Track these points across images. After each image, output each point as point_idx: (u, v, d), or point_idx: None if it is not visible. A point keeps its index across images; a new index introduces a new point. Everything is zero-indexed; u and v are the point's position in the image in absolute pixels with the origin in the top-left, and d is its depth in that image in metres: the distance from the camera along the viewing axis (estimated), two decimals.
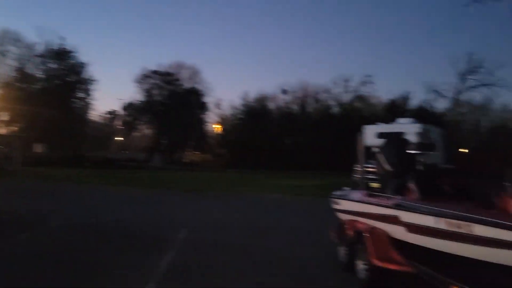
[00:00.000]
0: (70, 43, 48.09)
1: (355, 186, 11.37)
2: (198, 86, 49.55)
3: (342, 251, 6.75)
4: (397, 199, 5.49)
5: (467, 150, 35.02)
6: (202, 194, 19.61)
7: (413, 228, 5.00)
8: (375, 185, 7.58)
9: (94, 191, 19.47)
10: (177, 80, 49.83)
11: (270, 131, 41.08)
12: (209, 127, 50.53)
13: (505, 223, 3.65)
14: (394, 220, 5.41)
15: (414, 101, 40.50)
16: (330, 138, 36.25)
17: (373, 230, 5.84)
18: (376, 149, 7.42)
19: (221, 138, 47.56)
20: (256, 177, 29.52)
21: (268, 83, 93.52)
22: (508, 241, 3.59)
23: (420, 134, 17.29)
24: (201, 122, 49.98)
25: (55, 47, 44.08)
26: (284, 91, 46.55)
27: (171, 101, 47.63)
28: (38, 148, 40.70)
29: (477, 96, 56.33)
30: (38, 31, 71.14)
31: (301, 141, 39.39)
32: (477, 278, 4.34)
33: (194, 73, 50.63)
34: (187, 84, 50.02)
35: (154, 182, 24.76)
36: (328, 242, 7.59)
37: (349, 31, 75.02)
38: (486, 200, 5.47)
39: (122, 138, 61.25)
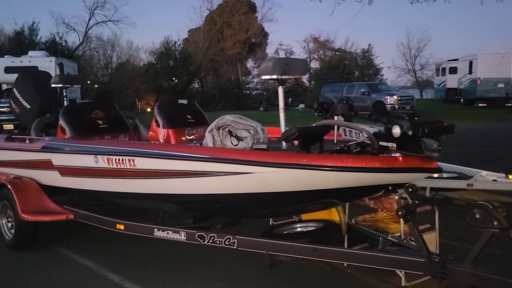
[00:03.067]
0: None
1: None
2: None
3: None
4: (45, 140, 4.75)
5: (97, 85, 35.96)
6: None
7: (68, 170, 4.46)
8: (8, 126, 6.47)
9: None
10: None
11: None
12: None
13: (164, 153, 3.67)
14: (44, 165, 4.69)
15: (44, 33, 37.65)
16: None
17: (18, 180, 4.92)
18: (6, 86, 6.21)
19: None
20: None
21: None
22: (169, 170, 3.63)
23: (58, 67, 16.20)
24: None
25: None
26: None
27: None
28: None
29: (106, 31, 57.83)
30: None
31: None
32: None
33: None
34: None
35: None
36: None
37: None
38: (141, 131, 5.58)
39: None
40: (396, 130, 2.78)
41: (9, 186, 4.79)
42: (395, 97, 21.68)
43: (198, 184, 3.54)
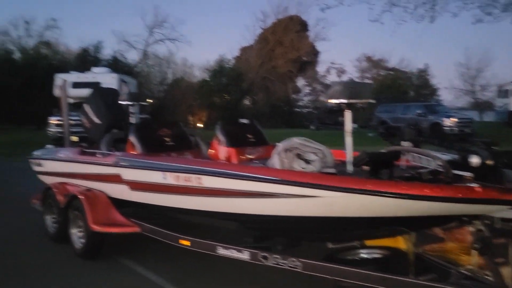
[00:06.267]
0: None
1: (56, 142, 10.07)
2: None
3: (49, 220, 5.79)
4: (117, 155, 4.99)
5: (151, 100, 37.29)
6: None
7: (138, 185, 4.66)
8: (74, 138, 6.86)
9: None
10: None
11: None
12: None
13: (231, 173, 3.76)
14: (114, 179, 4.93)
15: (106, 51, 39.77)
16: (12, 87, 31.37)
17: (89, 192, 5.18)
18: (72, 100, 6.61)
19: None
20: None
21: None
22: (234, 189, 3.71)
23: (123, 84, 17.00)
24: None
25: None
26: None
27: None
28: None
29: (162, 49, 60.27)
30: None
31: None
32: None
33: None
34: None
35: None
36: (31, 212, 6.41)
37: None
38: (201, 148, 5.73)
39: None
40: (475, 160, 2.70)
41: (81, 198, 5.06)
42: (453, 119, 20.79)
43: (264, 205, 3.59)
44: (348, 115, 3.68)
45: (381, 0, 14.10)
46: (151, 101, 37.33)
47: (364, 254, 3.93)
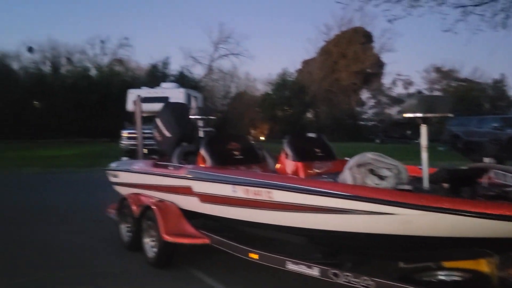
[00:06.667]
0: None
1: (128, 154, 10.58)
2: None
3: (124, 229, 6.07)
4: (188, 168, 5.15)
5: (219, 114, 38.20)
6: None
7: (208, 198, 4.77)
8: (144, 151, 7.17)
9: None
10: None
11: (16, 94, 35.16)
12: None
13: (302, 188, 3.74)
14: (185, 191, 5.08)
15: (173, 66, 41.64)
16: (89, 102, 33.62)
17: (162, 203, 5.38)
18: (144, 114, 6.93)
19: None
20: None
21: (8, 39, 79.44)
22: (304, 204, 3.69)
23: (192, 98, 17.60)
24: None
25: None
26: (30, 49, 40.49)
27: None
28: None
29: (226, 64, 61.93)
30: None
31: (55, 105, 35.20)
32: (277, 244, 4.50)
33: None
34: None
35: None
36: (106, 221, 6.77)
37: None
38: (268, 162, 5.76)
39: None
40: None
41: (154, 208, 5.27)
42: None
43: (335, 221, 3.53)
44: (424, 130, 3.54)
45: (455, 9, 13.54)
46: (219, 115, 38.46)
47: (442, 276, 3.72)
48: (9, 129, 32.74)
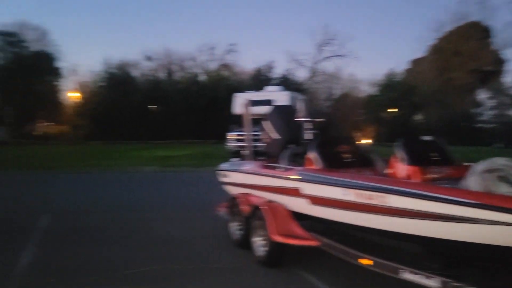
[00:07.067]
0: None
1: (235, 155, 10.98)
2: (48, 49, 44.01)
3: (234, 227, 6.31)
4: (298, 170, 5.18)
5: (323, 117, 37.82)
6: (59, 171, 17.45)
7: (318, 200, 4.74)
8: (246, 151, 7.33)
9: None
10: (23, 41, 43.45)
11: (135, 99, 38.75)
12: (64, 95, 45.60)
13: (421, 193, 3.53)
14: (294, 193, 5.11)
15: (277, 70, 42.37)
16: (198, 106, 35.72)
17: (271, 204, 5.48)
18: (249, 117, 7.12)
19: (80, 107, 43.38)
20: (122, 149, 27.63)
21: (130, 49, 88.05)
22: (424, 211, 3.48)
23: (299, 102, 17.75)
24: (54, 90, 44.76)
25: None
26: (148, 58, 44.35)
27: (16, 65, 41.46)
28: None
29: (330, 66, 61.29)
30: None
31: (169, 109, 38.06)
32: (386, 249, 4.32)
33: (42, 34, 44.70)
34: (34, 47, 44.00)
35: None
36: (216, 218, 7.10)
37: None
38: (378, 165, 5.55)
39: None
40: None
41: (263, 208, 5.39)
42: None
43: (457, 230, 3.27)
44: None
45: None
46: (325, 117, 38.21)
47: None
48: (129, 131, 36.14)
